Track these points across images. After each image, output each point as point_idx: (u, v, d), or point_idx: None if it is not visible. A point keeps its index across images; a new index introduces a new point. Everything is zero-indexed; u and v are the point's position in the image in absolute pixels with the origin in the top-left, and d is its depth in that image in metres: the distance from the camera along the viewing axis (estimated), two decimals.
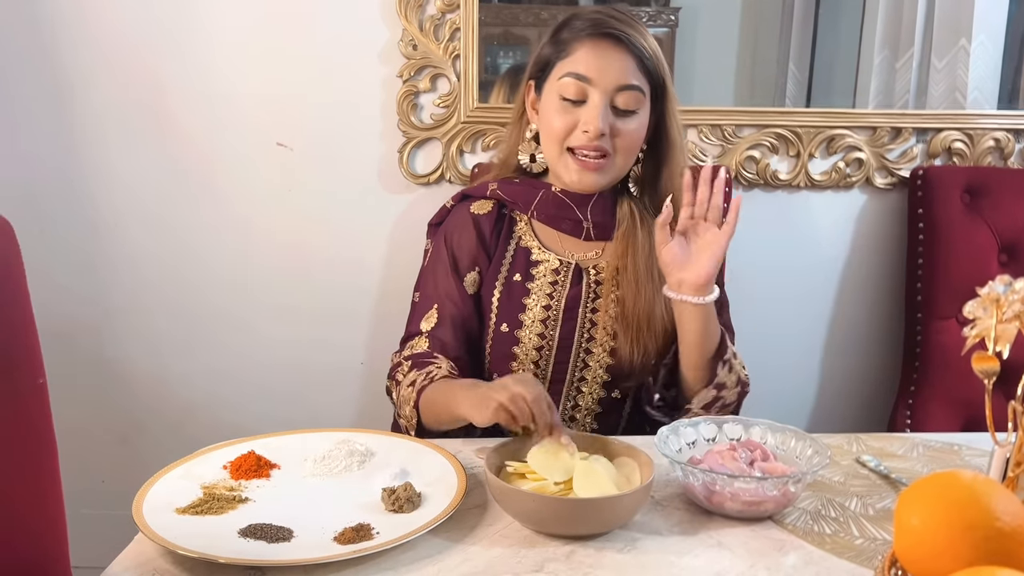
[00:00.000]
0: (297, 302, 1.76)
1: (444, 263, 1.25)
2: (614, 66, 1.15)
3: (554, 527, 0.85)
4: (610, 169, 1.19)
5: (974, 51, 1.75)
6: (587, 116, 1.15)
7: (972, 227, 1.71)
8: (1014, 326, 0.61)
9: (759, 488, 0.87)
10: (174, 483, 0.91)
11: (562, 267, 1.22)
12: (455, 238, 1.26)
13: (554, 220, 1.25)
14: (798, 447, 0.97)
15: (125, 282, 1.74)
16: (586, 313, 1.20)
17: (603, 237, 1.25)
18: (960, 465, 1.05)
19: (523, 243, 1.25)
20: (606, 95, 1.15)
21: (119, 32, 1.64)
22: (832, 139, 1.74)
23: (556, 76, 1.18)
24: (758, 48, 1.80)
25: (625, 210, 1.24)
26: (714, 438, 1.00)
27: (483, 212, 1.27)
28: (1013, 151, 1.77)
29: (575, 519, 0.84)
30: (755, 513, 0.89)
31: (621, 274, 1.21)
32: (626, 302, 1.19)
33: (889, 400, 1.82)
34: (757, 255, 1.76)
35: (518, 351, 1.20)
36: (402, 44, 1.65)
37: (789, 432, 0.99)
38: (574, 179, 1.20)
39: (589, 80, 1.15)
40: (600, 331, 1.20)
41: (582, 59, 1.16)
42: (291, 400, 1.80)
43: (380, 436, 1.05)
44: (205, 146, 1.69)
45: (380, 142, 1.70)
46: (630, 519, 0.88)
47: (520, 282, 1.22)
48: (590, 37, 1.16)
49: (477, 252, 1.24)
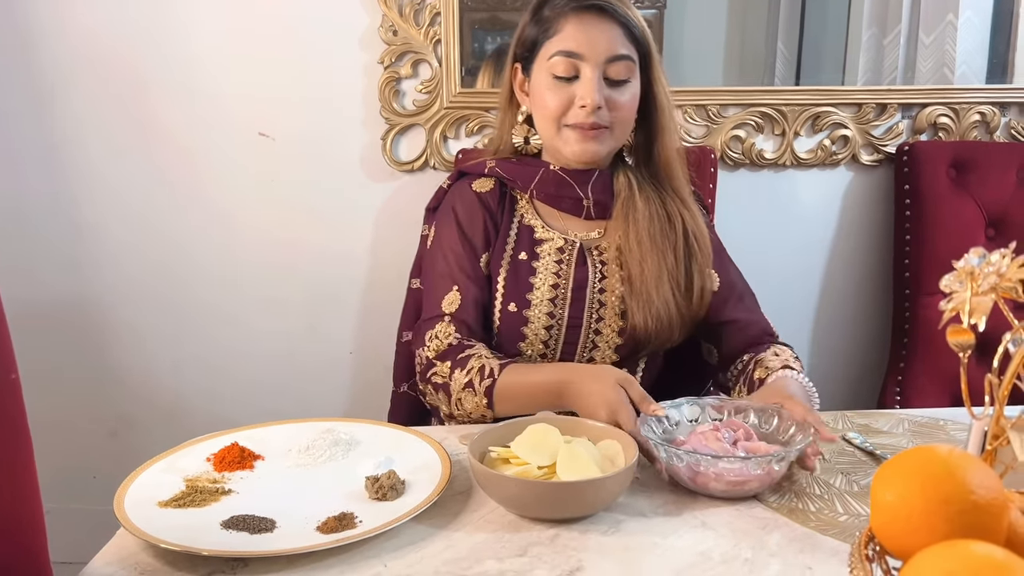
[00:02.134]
0: (284, 293, 1.75)
1: (458, 243, 1.22)
2: (602, 37, 1.14)
3: (538, 511, 0.85)
4: (608, 139, 1.19)
5: (961, 26, 1.74)
6: (582, 91, 1.15)
7: (959, 202, 1.71)
8: (989, 298, 0.61)
9: (743, 468, 0.87)
10: (157, 477, 0.91)
11: (567, 245, 1.22)
12: (466, 218, 1.23)
13: (554, 199, 1.24)
14: (781, 425, 0.97)
15: (110, 279, 1.74)
16: (594, 293, 1.20)
17: (603, 215, 1.24)
18: (945, 440, 1.05)
19: (526, 221, 1.24)
20: (598, 68, 1.14)
21: (98, 31, 1.62)
22: (817, 117, 1.74)
23: (545, 56, 1.17)
24: (746, 27, 1.79)
25: (622, 181, 1.24)
26: (696, 419, 1.00)
27: (486, 190, 1.25)
28: (999, 125, 1.76)
29: (558, 502, 0.84)
30: (740, 492, 0.89)
31: (624, 250, 1.20)
32: (632, 274, 1.19)
33: (879, 377, 1.83)
34: (744, 235, 1.74)
35: (527, 331, 1.18)
36: (382, 30, 1.63)
37: (771, 411, 0.99)
38: (575, 150, 1.19)
39: (580, 55, 1.14)
40: (608, 311, 1.20)
41: (569, 35, 1.15)
42: (281, 391, 1.79)
43: (364, 425, 1.04)
44: (187, 140, 1.68)
45: (363, 130, 1.69)
46: (614, 501, 0.87)
47: (526, 261, 1.21)
48: (574, 12, 1.15)
49: (488, 231, 1.23)
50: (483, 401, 1.09)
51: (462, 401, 1.11)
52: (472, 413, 1.11)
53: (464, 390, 1.10)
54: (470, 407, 1.10)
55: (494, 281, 1.21)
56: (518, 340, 1.19)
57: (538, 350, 1.19)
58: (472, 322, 1.18)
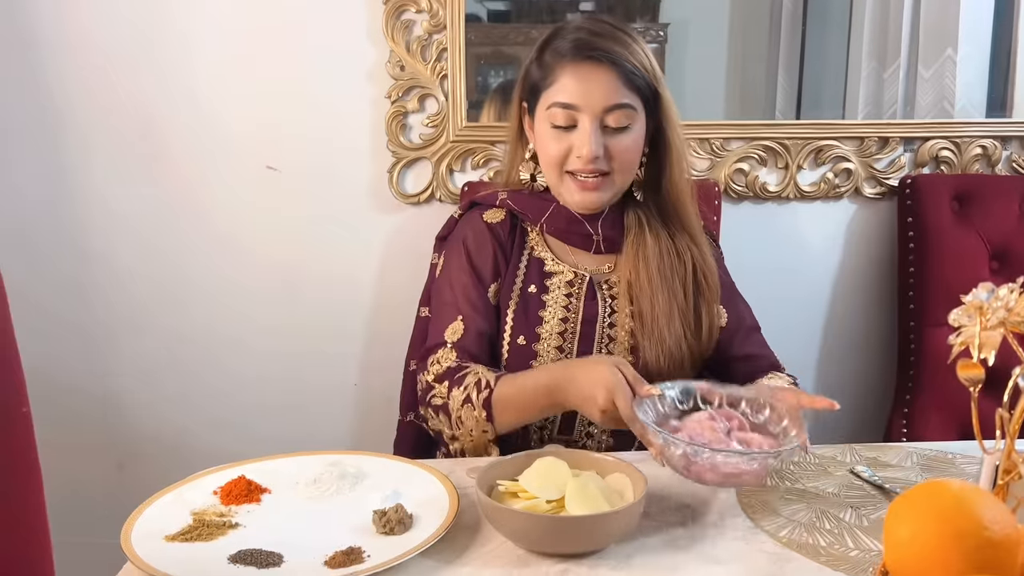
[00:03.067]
0: (290, 324, 1.75)
1: (466, 273, 1.22)
2: (599, 88, 1.14)
3: (546, 546, 0.85)
4: (609, 187, 1.19)
5: (961, 61, 1.76)
6: (578, 142, 1.15)
7: (962, 234, 1.72)
8: (998, 332, 0.61)
9: (740, 461, 0.87)
10: (164, 510, 0.91)
11: (576, 279, 1.22)
12: (475, 248, 1.24)
13: (564, 233, 1.24)
14: (772, 416, 0.97)
15: (115, 307, 1.74)
16: (604, 329, 1.20)
17: (613, 250, 1.25)
18: (954, 474, 1.05)
19: (536, 253, 1.25)
20: (595, 118, 1.14)
21: (105, 58, 1.64)
22: (820, 150, 1.75)
23: (544, 105, 1.18)
24: (747, 62, 1.81)
25: (632, 218, 1.25)
26: (688, 404, 1.01)
27: (497, 220, 1.26)
28: (1000, 158, 1.78)
29: (567, 537, 0.84)
30: (733, 484, 0.89)
31: (634, 285, 1.20)
32: (643, 311, 1.19)
33: (885, 409, 1.82)
34: (748, 267, 1.74)
35: (536, 364, 1.18)
36: (389, 65, 1.65)
37: (763, 400, 0.99)
38: (576, 200, 1.20)
39: (576, 107, 1.14)
40: (618, 346, 1.20)
41: (566, 86, 1.15)
42: (286, 421, 1.79)
43: (372, 458, 1.04)
44: (194, 169, 1.69)
45: (369, 162, 1.71)
46: (623, 536, 0.87)
47: (535, 294, 1.21)
48: (572, 61, 1.15)
49: (498, 262, 1.23)
50: (482, 415, 1.08)
51: (462, 419, 1.10)
52: (473, 431, 1.10)
53: (463, 407, 1.10)
54: (470, 424, 1.09)
55: (503, 313, 1.21)
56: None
57: None
58: (475, 351, 1.18)
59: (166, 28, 1.64)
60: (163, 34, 1.64)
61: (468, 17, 1.65)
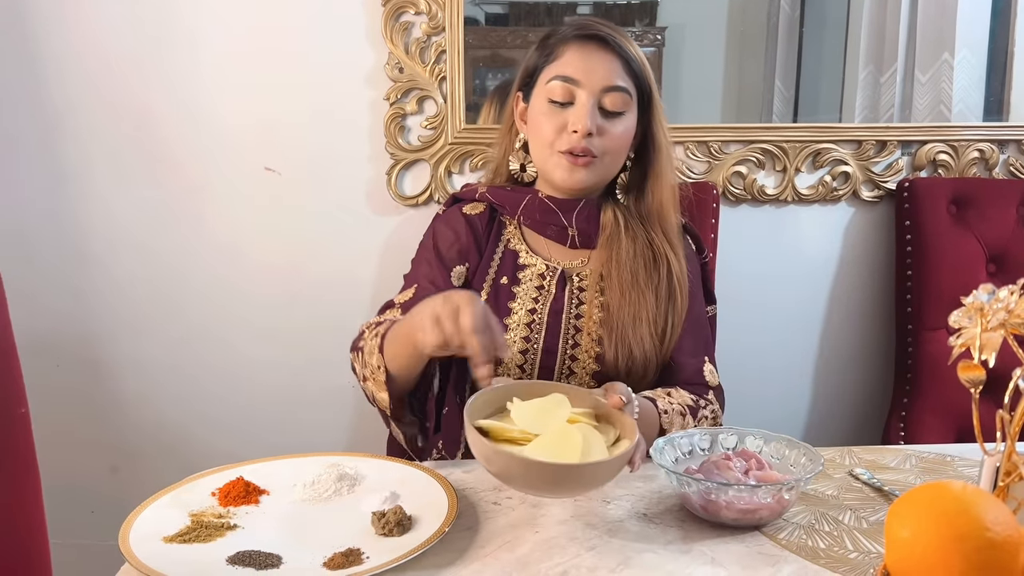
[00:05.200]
0: (288, 325, 1.75)
1: (429, 253, 1.25)
2: (601, 67, 1.16)
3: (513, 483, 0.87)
4: (598, 167, 1.20)
5: (957, 65, 1.77)
6: (575, 116, 1.16)
7: (959, 238, 1.72)
8: (999, 334, 0.61)
9: (753, 496, 0.87)
10: (162, 511, 0.90)
11: (548, 272, 1.23)
12: (441, 231, 1.27)
13: (540, 225, 1.25)
14: (792, 455, 0.97)
15: (114, 308, 1.74)
16: (570, 319, 1.20)
17: (588, 245, 1.25)
18: (953, 476, 1.05)
19: (511, 246, 1.26)
20: (593, 95, 1.16)
21: (106, 61, 1.64)
22: (818, 153, 1.75)
23: (544, 80, 1.19)
24: (744, 66, 1.82)
25: (609, 216, 1.25)
26: (709, 448, 1.00)
27: (476, 212, 1.28)
28: (998, 162, 1.78)
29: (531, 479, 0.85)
30: (750, 521, 0.89)
31: (606, 280, 1.21)
32: (611, 307, 1.20)
33: (883, 412, 1.82)
34: (746, 270, 1.76)
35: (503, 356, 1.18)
36: (388, 67, 1.65)
37: (783, 441, 0.99)
38: (564, 176, 1.20)
39: (576, 81, 1.16)
40: (585, 337, 1.20)
41: (569, 61, 1.17)
42: (283, 423, 1.79)
43: (370, 459, 1.04)
44: (193, 171, 1.69)
45: (368, 164, 1.71)
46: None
47: (506, 285, 1.22)
48: (576, 39, 1.18)
49: (467, 247, 1.24)
50: (376, 342, 1.06)
51: (365, 353, 1.08)
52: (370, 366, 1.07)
53: (372, 340, 1.08)
54: (370, 357, 1.07)
55: None
56: (494, 365, 1.18)
57: (515, 374, 1.19)
58: None
59: (166, 30, 1.64)
60: (164, 36, 1.64)
61: (466, 20, 1.66)
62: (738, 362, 1.49)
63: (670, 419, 1.12)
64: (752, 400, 1.57)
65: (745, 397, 1.46)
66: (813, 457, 0.94)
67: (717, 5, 1.79)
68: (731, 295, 1.56)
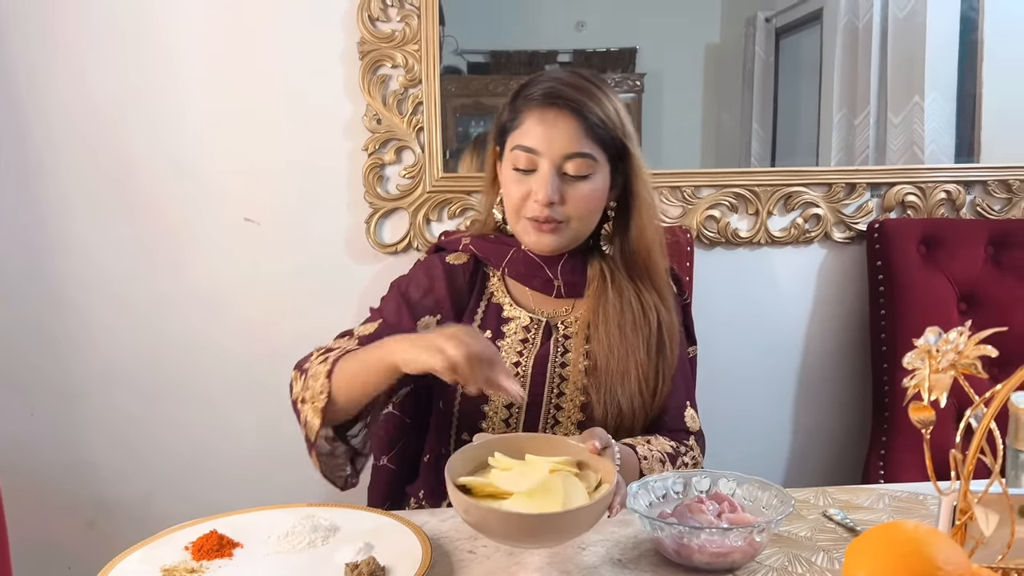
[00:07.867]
0: (265, 377, 1.74)
1: (400, 295, 1.25)
2: (561, 135, 1.15)
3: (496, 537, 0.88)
4: (566, 232, 1.20)
5: (928, 107, 1.82)
6: (536, 185, 1.17)
7: (930, 277, 1.75)
8: (949, 375, 0.63)
9: (724, 539, 0.88)
10: (133, 567, 0.90)
11: (532, 324, 1.23)
12: (418, 277, 1.26)
13: (525, 278, 1.25)
14: (764, 497, 0.98)
15: (89, 359, 1.72)
16: (555, 369, 1.20)
17: (574, 294, 1.25)
18: (924, 515, 1.06)
19: (495, 299, 1.26)
20: (554, 164, 1.16)
21: (88, 105, 1.65)
22: (789, 196, 1.79)
23: (509, 147, 1.20)
24: (722, 111, 1.86)
25: (596, 269, 1.25)
26: (683, 491, 1.01)
27: (459, 263, 1.27)
28: (964, 202, 1.82)
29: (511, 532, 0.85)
30: (723, 564, 0.89)
31: (592, 330, 1.21)
32: (598, 360, 1.19)
33: (863, 450, 1.83)
34: (721, 312, 1.78)
35: (487, 409, 1.19)
36: (366, 119, 1.68)
37: (755, 483, 1.00)
38: (533, 241, 1.21)
39: (536, 151, 1.16)
40: (570, 386, 1.20)
41: (529, 130, 1.17)
42: (261, 477, 1.77)
43: (345, 510, 1.04)
44: (174, 220, 1.70)
45: (347, 213, 1.73)
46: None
47: (490, 339, 1.20)
48: (538, 107, 1.17)
49: (441, 299, 1.23)
50: (325, 368, 1.06)
51: (309, 376, 1.08)
52: (312, 384, 1.07)
53: (320, 365, 1.08)
54: (314, 381, 1.07)
55: None
56: (479, 419, 1.19)
57: (500, 428, 1.19)
58: None
59: (151, 78, 1.66)
60: (148, 85, 1.66)
61: (448, 69, 1.70)
62: (716, 404, 1.51)
63: (650, 465, 1.12)
64: (732, 442, 1.58)
65: (725, 439, 1.47)
66: (784, 499, 0.95)
67: (695, 52, 1.84)
68: (707, 337, 1.56)
